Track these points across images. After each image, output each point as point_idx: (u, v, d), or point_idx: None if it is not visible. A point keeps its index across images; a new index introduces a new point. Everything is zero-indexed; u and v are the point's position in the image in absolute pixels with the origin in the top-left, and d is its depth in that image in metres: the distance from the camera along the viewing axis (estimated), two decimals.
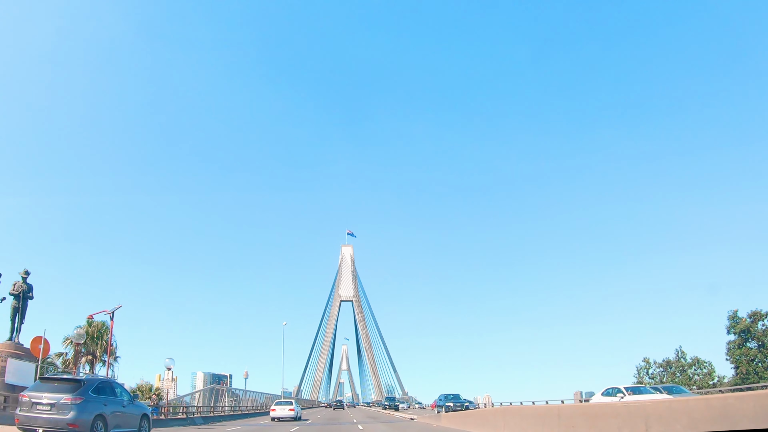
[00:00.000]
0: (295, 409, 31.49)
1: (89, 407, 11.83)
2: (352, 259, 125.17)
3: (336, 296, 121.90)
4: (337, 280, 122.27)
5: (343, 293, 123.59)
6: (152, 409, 20.10)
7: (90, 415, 11.72)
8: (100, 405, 12.34)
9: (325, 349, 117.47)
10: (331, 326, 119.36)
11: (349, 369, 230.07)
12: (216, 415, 34.16)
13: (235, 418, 36.46)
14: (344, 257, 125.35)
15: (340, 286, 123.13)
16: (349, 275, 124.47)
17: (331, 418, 37.02)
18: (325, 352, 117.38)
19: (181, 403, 32.52)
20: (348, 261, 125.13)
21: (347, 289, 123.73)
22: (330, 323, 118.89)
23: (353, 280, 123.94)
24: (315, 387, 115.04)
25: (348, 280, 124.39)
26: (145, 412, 14.91)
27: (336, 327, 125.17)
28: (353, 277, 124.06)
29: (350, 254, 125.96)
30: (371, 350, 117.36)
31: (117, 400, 13.36)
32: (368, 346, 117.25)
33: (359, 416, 40.12)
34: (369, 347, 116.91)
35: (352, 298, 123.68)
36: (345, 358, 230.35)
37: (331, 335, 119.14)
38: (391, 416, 39.07)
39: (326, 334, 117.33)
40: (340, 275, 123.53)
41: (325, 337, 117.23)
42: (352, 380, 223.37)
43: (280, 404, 32.56)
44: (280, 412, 31.06)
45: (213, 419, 31.33)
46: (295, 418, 30.97)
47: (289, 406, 31.79)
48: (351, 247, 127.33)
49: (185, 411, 30.28)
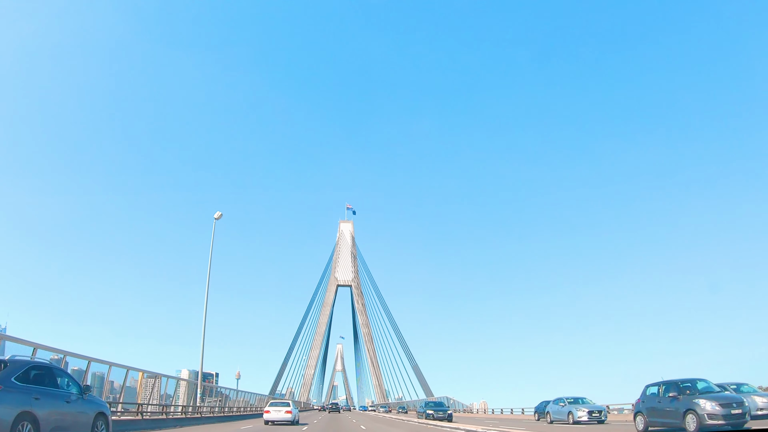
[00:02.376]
0: (293, 412, 28.11)
1: (9, 401, 8.41)
2: (352, 236, 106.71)
3: (332, 280, 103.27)
4: (333, 261, 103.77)
5: (340, 276, 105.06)
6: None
7: (9, 414, 8.31)
8: (27, 399, 8.88)
9: (318, 342, 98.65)
10: (326, 315, 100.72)
11: (344, 370, 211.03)
12: (201, 416, 30.69)
13: (222, 420, 33.03)
14: (342, 234, 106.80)
15: (337, 268, 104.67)
16: (348, 255, 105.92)
17: (334, 424, 32.25)
18: (317, 346, 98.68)
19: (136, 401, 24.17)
20: (347, 239, 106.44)
21: (345, 272, 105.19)
22: (324, 311, 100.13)
23: (353, 262, 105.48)
24: (305, 387, 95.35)
25: (346, 261, 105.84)
26: (102, 411, 11.47)
27: (331, 316, 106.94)
28: (353, 257, 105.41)
29: (350, 231, 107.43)
30: (372, 344, 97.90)
31: (58, 393, 9.96)
32: (369, 339, 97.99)
33: (375, 425, 30.03)
34: (369, 340, 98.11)
35: (350, 282, 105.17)
36: (340, 358, 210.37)
37: (325, 325, 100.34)
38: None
39: (319, 324, 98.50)
40: (337, 255, 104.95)
41: (318, 327, 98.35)
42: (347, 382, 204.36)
43: (276, 405, 28.88)
44: (275, 415, 27.48)
45: (195, 421, 27.46)
46: (292, 421, 27.86)
47: (285, 407, 28.20)
48: (351, 223, 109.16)
49: (165, 411, 25.77)
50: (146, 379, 24.90)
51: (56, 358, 16.40)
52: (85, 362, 17.54)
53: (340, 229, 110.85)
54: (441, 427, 25.49)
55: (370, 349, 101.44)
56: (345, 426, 29.13)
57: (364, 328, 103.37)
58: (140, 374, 24.22)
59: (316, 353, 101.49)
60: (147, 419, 22.04)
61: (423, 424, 31.01)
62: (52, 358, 15.82)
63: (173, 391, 28.49)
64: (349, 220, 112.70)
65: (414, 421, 34.59)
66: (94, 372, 19.32)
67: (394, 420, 38.63)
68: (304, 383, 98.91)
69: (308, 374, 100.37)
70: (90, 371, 18.06)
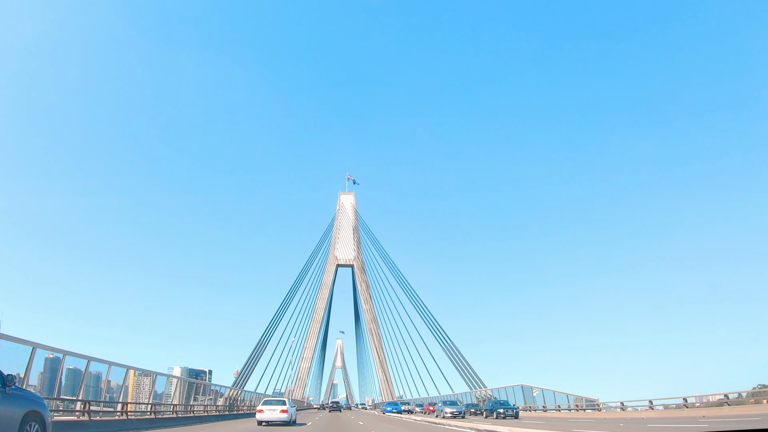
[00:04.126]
0: (289, 411, 25.36)
1: None
2: (354, 210, 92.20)
3: (331, 259, 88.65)
4: (333, 237, 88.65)
5: (341, 255, 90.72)
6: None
7: None
8: None
9: (315, 330, 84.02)
10: (324, 299, 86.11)
11: (344, 367, 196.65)
12: (192, 415, 29.28)
13: (213, 419, 30.91)
14: (343, 207, 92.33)
15: (336, 246, 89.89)
16: (350, 231, 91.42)
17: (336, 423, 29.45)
18: (314, 335, 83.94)
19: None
20: (349, 213, 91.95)
21: (347, 250, 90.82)
22: (322, 294, 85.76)
23: (355, 238, 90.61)
24: (299, 382, 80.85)
25: (348, 237, 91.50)
26: (35, 409, 8.95)
27: (330, 300, 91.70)
28: (355, 233, 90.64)
29: (351, 204, 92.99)
30: (377, 333, 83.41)
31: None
32: (374, 327, 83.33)
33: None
34: (375, 328, 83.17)
35: (352, 261, 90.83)
36: (340, 353, 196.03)
37: (323, 311, 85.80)
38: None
39: (316, 309, 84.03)
40: (337, 230, 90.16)
41: (315, 313, 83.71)
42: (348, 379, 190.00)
43: (270, 404, 25.92)
44: (269, 414, 24.92)
45: (186, 421, 25.87)
46: (288, 422, 25.51)
47: (280, 406, 25.36)
48: (353, 195, 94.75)
49: (153, 410, 24.32)
50: (138, 377, 23.41)
51: (52, 356, 15.30)
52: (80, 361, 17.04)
53: (340, 201, 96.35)
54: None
55: (375, 338, 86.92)
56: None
57: (368, 314, 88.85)
58: (131, 372, 21.65)
59: (312, 343, 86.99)
60: (133, 419, 21.07)
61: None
62: (47, 357, 15.03)
63: (163, 390, 27.19)
64: (351, 192, 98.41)
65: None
66: (70, 367, 17.02)
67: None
68: (299, 378, 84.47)
69: (303, 368, 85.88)
70: (65, 365, 15.77)
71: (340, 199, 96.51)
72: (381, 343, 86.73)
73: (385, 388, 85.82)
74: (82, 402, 17.21)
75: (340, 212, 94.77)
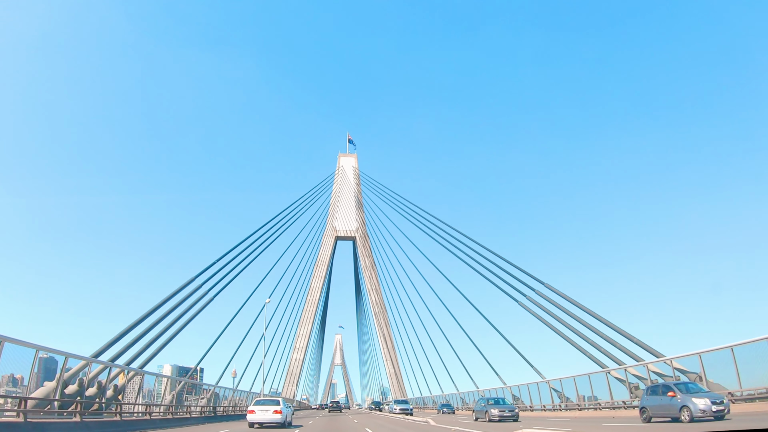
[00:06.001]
0: (283, 411, 23.29)
1: None
2: (357, 174, 77.04)
3: (329, 230, 73.41)
4: (331, 206, 73.48)
5: (340, 226, 75.60)
6: None
7: None
8: None
9: (309, 315, 68.76)
10: (320, 277, 71.13)
11: (344, 364, 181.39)
12: (181, 416, 27.29)
13: (204, 421, 29.02)
14: (343, 171, 77.29)
15: (335, 215, 74.40)
16: (351, 198, 76.46)
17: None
18: (307, 321, 68.80)
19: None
20: (350, 177, 77.00)
21: (347, 220, 75.78)
22: (318, 272, 70.85)
23: (357, 206, 75.50)
24: (290, 377, 65.85)
25: (348, 205, 76.44)
26: None
27: (329, 278, 76.57)
28: (357, 201, 75.68)
29: (353, 167, 78.04)
30: (386, 319, 68.84)
31: None
32: (381, 310, 68.32)
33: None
34: (383, 313, 68.07)
35: (353, 233, 75.61)
36: (339, 350, 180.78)
37: (319, 291, 70.74)
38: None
39: (311, 288, 69.22)
40: (336, 197, 74.75)
41: (309, 294, 68.71)
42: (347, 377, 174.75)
43: (262, 404, 23.77)
44: (261, 416, 22.95)
45: (175, 423, 24.46)
46: (282, 423, 23.28)
47: (274, 406, 23.39)
48: (354, 157, 79.97)
49: (149, 411, 23.59)
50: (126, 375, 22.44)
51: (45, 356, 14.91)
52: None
53: (340, 164, 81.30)
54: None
55: (383, 324, 71.78)
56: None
57: (373, 295, 73.71)
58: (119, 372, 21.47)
59: (306, 330, 71.76)
60: (97, 422, 18.08)
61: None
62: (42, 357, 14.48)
63: (153, 388, 26.23)
64: (352, 154, 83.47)
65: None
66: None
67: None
68: (290, 373, 69.24)
69: (295, 360, 70.63)
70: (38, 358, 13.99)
71: (339, 162, 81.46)
72: (390, 331, 71.73)
73: (394, 385, 70.73)
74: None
75: (339, 176, 79.64)
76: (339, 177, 79.50)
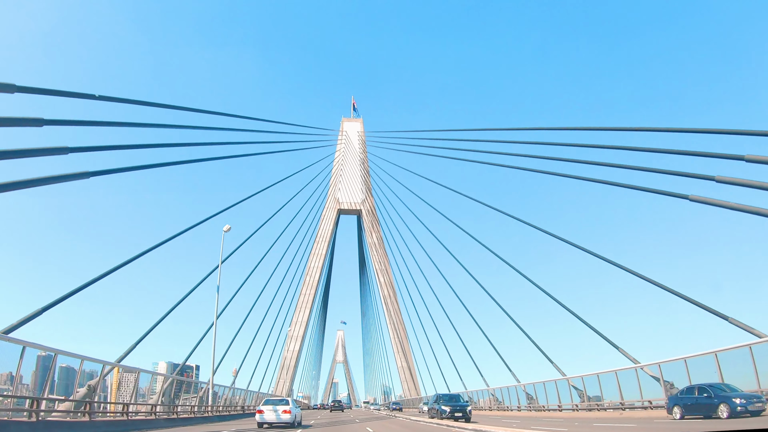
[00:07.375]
0: (292, 412, 22.76)
1: None
2: (363, 140, 66.89)
3: (330, 202, 63.29)
4: (333, 176, 63.45)
5: (343, 198, 65.32)
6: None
7: None
8: None
9: (308, 299, 58.61)
10: (320, 255, 60.85)
11: (346, 361, 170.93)
12: (177, 417, 25.85)
13: (201, 421, 26.84)
14: (347, 137, 67.12)
15: (338, 186, 64.45)
16: (356, 167, 66.24)
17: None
18: (305, 305, 58.63)
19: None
20: (355, 144, 67.02)
21: (351, 192, 65.63)
22: (317, 250, 60.56)
23: (363, 175, 65.35)
24: (284, 372, 55.73)
25: (353, 174, 66.15)
26: None
27: (330, 258, 66.51)
28: (363, 169, 65.48)
29: (359, 133, 68.03)
30: (396, 306, 58.92)
31: None
32: (390, 294, 58.23)
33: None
34: (392, 296, 57.95)
35: (359, 206, 65.29)
36: (341, 346, 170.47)
37: (319, 271, 60.80)
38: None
39: (309, 268, 59.37)
40: (339, 166, 64.64)
41: (307, 274, 58.81)
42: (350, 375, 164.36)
43: (272, 404, 23.12)
44: (270, 415, 22.24)
45: (179, 422, 23.80)
46: (292, 423, 22.76)
47: (283, 406, 22.76)
48: (360, 122, 70.05)
49: (151, 411, 22.88)
50: (121, 374, 20.98)
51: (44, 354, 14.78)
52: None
53: (343, 129, 71.20)
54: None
55: (393, 311, 61.49)
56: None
57: (381, 277, 63.41)
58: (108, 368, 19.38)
59: (304, 317, 61.53)
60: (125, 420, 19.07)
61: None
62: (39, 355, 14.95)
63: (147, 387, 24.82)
64: (357, 119, 73.45)
65: None
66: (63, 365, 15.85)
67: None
68: (283, 366, 58.99)
69: (291, 351, 60.34)
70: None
71: (342, 127, 71.34)
72: (401, 319, 61.51)
73: (406, 380, 60.41)
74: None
75: (342, 143, 69.49)
76: (342, 144, 69.36)
